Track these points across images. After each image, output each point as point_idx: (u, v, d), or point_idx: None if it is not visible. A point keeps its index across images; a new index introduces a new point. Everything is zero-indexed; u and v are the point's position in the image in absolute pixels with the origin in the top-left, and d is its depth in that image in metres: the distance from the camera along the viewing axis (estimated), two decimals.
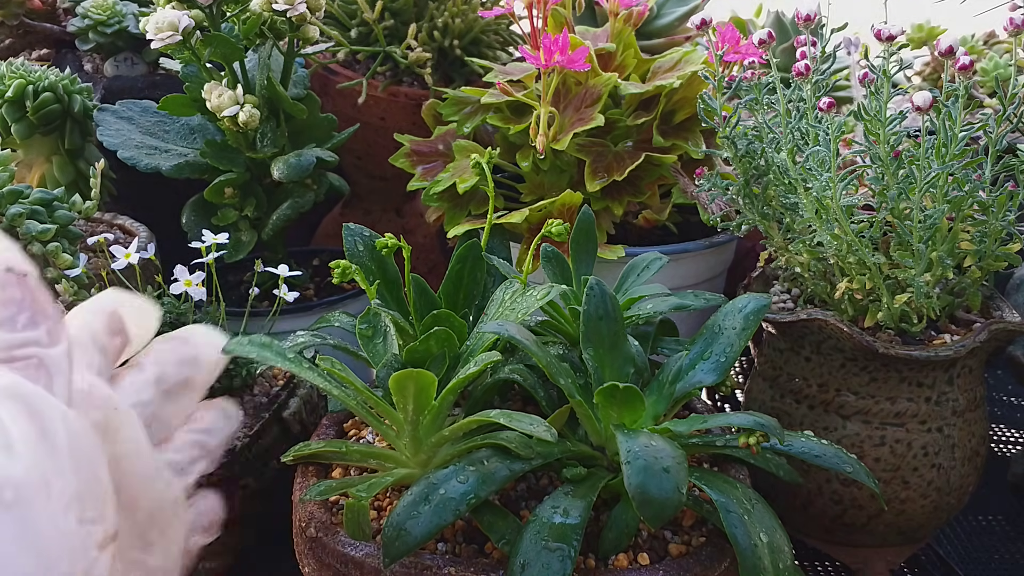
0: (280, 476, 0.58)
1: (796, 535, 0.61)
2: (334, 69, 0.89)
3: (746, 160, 0.61)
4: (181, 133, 0.79)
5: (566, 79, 0.74)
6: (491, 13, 0.77)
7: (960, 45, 0.48)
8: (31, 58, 0.96)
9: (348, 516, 0.41)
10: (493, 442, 0.42)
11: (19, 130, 0.75)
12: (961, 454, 0.56)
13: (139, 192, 0.80)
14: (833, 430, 0.56)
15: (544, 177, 0.76)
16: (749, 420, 0.43)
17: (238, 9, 0.71)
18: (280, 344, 0.45)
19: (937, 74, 0.97)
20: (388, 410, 0.44)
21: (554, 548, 0.37)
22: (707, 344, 0.49)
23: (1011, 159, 0.52)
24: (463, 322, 0.49)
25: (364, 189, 1.03)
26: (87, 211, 0.68)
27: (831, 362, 0.56)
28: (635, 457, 0.37)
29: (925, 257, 0.52)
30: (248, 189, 0.76)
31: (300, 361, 0.45)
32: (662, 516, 0.36)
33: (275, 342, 0.45)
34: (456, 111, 0.79)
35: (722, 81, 0.60)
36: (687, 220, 0.80)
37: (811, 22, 0.54)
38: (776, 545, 0.40)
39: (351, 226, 0.54)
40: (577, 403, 0.45)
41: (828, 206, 0.53)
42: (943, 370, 0.54)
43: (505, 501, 0.45)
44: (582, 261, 0.57)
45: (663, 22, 0.93)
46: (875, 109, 0.51)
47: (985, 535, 0.69)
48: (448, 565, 0.39)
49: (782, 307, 0.62)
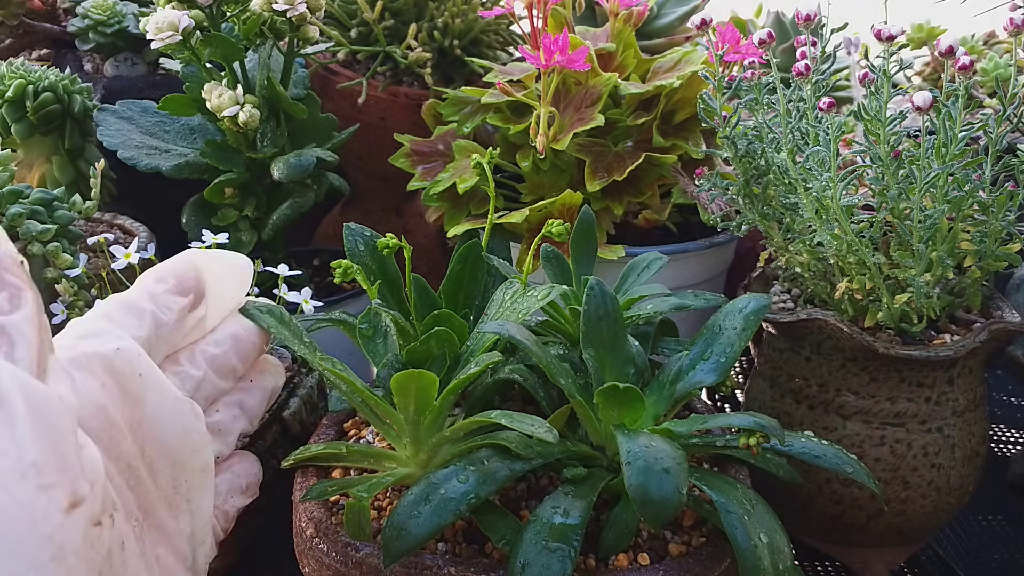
0: (280, 476, 0.58)
1: (796, 535, 0.61)
2: (334, 69, 0.89)
3: (746, 160, 0.61)
4: (181, 133, 0.79)
5: (566, 79, 0.74)
6: (491, 13, 0.77)
7: (960, 45, 0.48)
8: (31, 58, 0.96)
9: (348, 516, 0.41)
10: (493, 442, 0.42)
11: (19, 130, 0.75)
12: (961, 454, 0.56)
13: (139, 192, 0.80)
14: (833, 430, 0.56)
15: (544, 177, 0.76)
16: (749, 421, 0.43)
17: (238, 9, 0.71)
18: (299, 324, 0.45)
19: (937, 74, 0.97)
20: (389, 410, 0.44)
21: (554, 548, 0.37)
22: (707, 344, 0.49)
23: (1011, 159, 0.52)
24: (464, 322, 0.49)
25: (364, 189, 1.03)
26: (87, 211, 0.68)
27: (831, 362, 0.56)
28: (635, 458, 0.37)
29: (925, 257, 0.52)
30: (248, 189, 0.76)
31: (314, 348, 0.45)
32: (662, 517, 0.36)
33: (294, 319, 0.45)
34: (456, 111, 0.79)
35: (722, 81, 0.60)
36: (687, 220, 0.80)
37: (811, 22, 0.54)
38: (776, 545, 0.40)
39: (352, 226, 0.54)
40: (577, 403, 0.45)
41: (828, 206, 0.53)
42: (943, 370, 0.54)
43: (505, 501, 0.45)
44: (582, 261, 0.57)
45: (663, 22, 0.93)
46: (875, 109, 0.51)
47: (985, 535, 0.69)
48: (448, 565, 0.39)
49: (782, 307, 0.62)
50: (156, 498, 0.33)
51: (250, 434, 0.40)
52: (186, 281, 0.37)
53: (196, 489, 0.35)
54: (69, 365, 0.30)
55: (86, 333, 0.32)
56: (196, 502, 0.35)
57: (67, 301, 0.59)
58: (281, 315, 0.44)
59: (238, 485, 0.40)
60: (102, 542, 0.27)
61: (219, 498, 0.38)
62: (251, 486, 0.42)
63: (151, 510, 0.32)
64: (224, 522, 0.39)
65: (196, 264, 0.38)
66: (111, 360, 0.31)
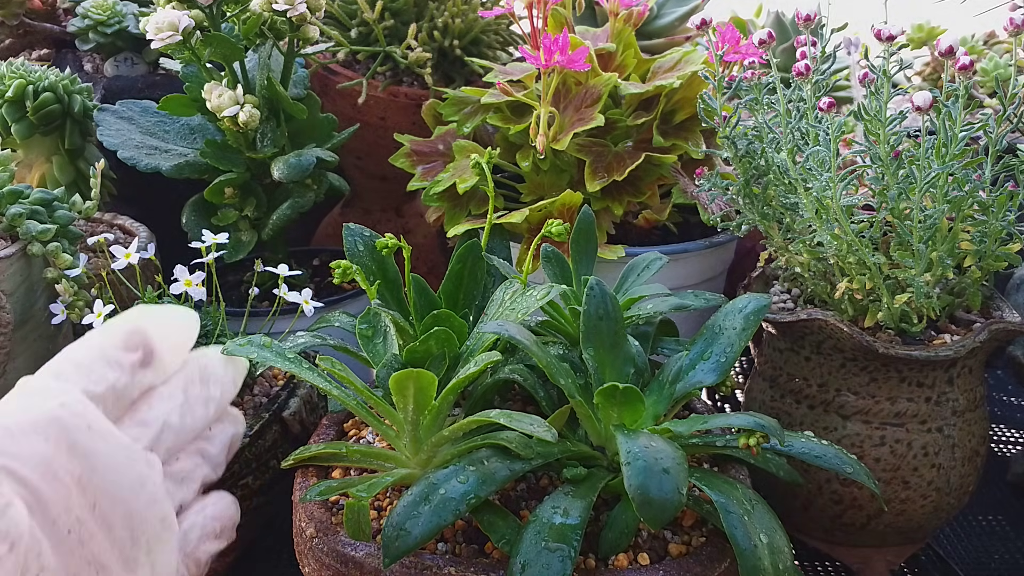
0: (280, 476, 0.58)
1: (796, 535, 0.61)
2: (334, 69, 0.89)
3: (746, 160, 0.61)
4: (181, 133, 0.79)
5: (566, 79, 0.74)
6: (491, 13, 0.77)
7: (960, 45, 0.48)
8: (31, 58, 0.96)
9: (348, 516, 0.41)
10: (493, 442, 0.42)
11: (19, 130, 0.75)
12: (961, 454, 0.56)
13: (139, 192, 0.81)
14: (833, 430, 0.56)
15: (544, 177, 0.76)
16: (749, 421, 0.43)
17: (238, 9, 0.71)
18: (280, 344, 0.45)
19: (937, 74, 0.97)
20: (388, 410, 0.44)
21: (554, 548, 0.37)
22: (707, 344, 0.49)
23: (1011, 159, 0.52)
24: (463, 322, 0.49)
25: (364, 189, 1.03)
26: (87, 211, 0.68)
27: (831, 362, 0.56)
28: (635, 458, 0.37)
29: (925, 257, 0.52)
30: (248, 189, 0.76)
31: (300, 362, 0.45)
32: (662, 517, 0.36)
33: (275, 342, 0.45)
34: (456, 111, 0.79)
35: (722, 81, 0.60)
36: (687, 220, 0.80)
37: (811, 22, 0.54)
38: (776, 545, 0.40)
39: (351, 226, 0.54)
40: (577, 403, 0.45)
41: (828, 206, 0.53)
42: (943, 370, 0.54)
43: (505, 501, 0.45)
44: (582, 261, 0.57)
45: (663, 22, 0.93)
46: (875, 109, 0.51)
47: (985, 535, 0.69)
48: (448, 565, 0.39)
49: (782, 307, 0.62)
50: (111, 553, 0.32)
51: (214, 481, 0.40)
52: (133, 338, 0.36)
53: (155, 541, 0.34)
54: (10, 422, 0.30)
55: (31, 392, 0.32)
56: (156, 554, 0.34)
57: (67, 301, 0.59)
58: (261, 342, 0.44)
59: (211, 529, 0.39)
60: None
61: (189, 545, 0.37)
62: (226, 530, 0.40)
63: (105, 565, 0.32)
64: (196, 569, 0.38)
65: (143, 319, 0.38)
66: (57, 414, 0.31)
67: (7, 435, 0.29)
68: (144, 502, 0.33)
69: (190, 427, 0.38)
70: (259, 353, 0.43)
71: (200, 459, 0.39)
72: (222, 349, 0.41)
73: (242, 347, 0.42)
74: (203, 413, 0.39)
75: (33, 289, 0.61)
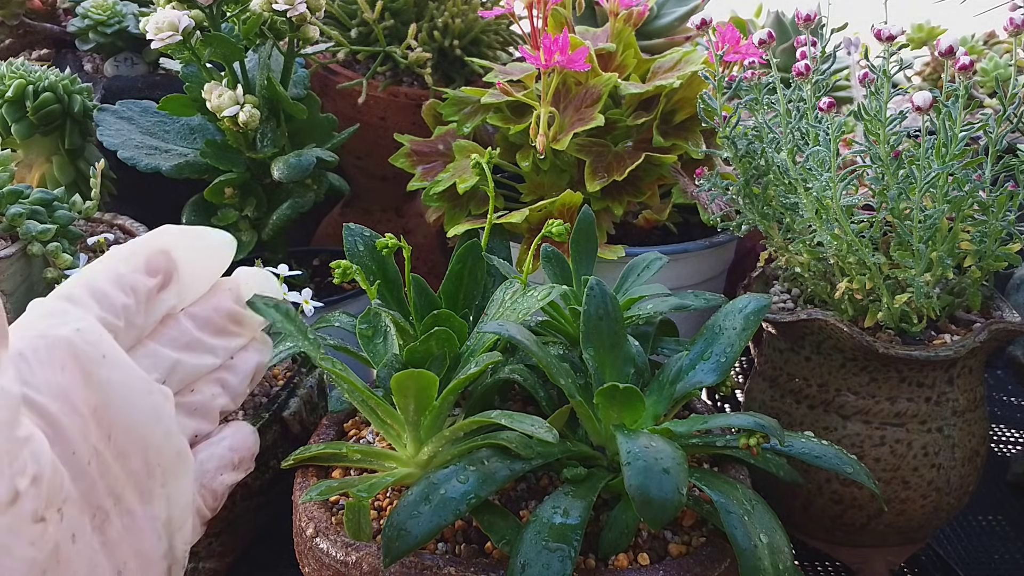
0: (280, 476, 0.58)
1: (796, 535, 0.61)
2: (334, 69, 0.89)
3: (746, 160, 0.61)
4: (181, 133, 0.79)
5: (566, 79, 0.74)
6: (491, 13, 0.77)
7: (960, 45, 0.48)
8: (31, 58, 0.96)
9: (348, 516, 0.41)
10: (493, 442, 0.42)
11: (19, 130, 0.75)
12: (961, 454, 0.56)
13: (139, 192, 0.80)
14: (833, 430, 0.56)
15: (544, 177, 0.76)
16: (749, 421, 0.43)
17: (238, 9, 0.71)
18: (303, 321, 0.45)
19: (937, 74, 0.97)
20: (389, 410, 0.44)
21: (554, 548, 0.37)
22: (707, 344, 0.49)
23: (1011, 159, 0.52)
24: (463, 322, 0.49)
25: (364, 189, 1.03)
26: (87, 211, 0.68)
27: (831, 362, 0.56)
28: (635, 458, 0.37)
29: (925, 257, 0.52)
30: (248, 189, 0.76)
31: (318, 344, 0.45)
32: (662, 517, 0.36)
33: (299, 316, 0.44)
34: (456, 111, 0.79)
35: (722, 81, 0.60)
36: (687, 220, 0.80)
37: (811, 22, 0.54)
38: (776, 546, 0.40)
39: (351, 226, 0.54)
40: (577, 403, 0.45)
41: (828, 206, 0.53)
42: (943, 370, 0.54)
43: (505, 501, 0.45)
44: (582, 261, 0.57)
45: (663, 22, 0.93)
46: (875, 109, 0.51)
47: (985, 535, 0.69)
48: (448, 565, 0.39)
49: (782, 307, 0.62)
50: (126, 484, 0.31)
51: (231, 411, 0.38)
52: (155, 261, 0.34)
53: (171, 474, 0.33)
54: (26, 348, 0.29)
55: (46, 313, 0.31)
56: (172, 487, 0.33)
57: None
58: (287, 311, 0.43)
59: (229, 460, 0.37)
60: (46, 539, 0.26)
61: (206, 476, 0.36)
62: (244, 460, 0.38)
63: (121, 496, 0.31)
64: (212, 501, 0.36)
65: (168, 242, 0.35)
66: (72, 342, 0.29)
67: (24, 362, 0.28)
68: (160, 434, 0.32)
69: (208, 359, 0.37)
70: (283, 322, 0.42)
71: (219, 389, 0.37)
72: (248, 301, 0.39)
73: (268, 307, 0.41)
74: (223, 344, 0.38)
75: (33, 289, 0.61)
